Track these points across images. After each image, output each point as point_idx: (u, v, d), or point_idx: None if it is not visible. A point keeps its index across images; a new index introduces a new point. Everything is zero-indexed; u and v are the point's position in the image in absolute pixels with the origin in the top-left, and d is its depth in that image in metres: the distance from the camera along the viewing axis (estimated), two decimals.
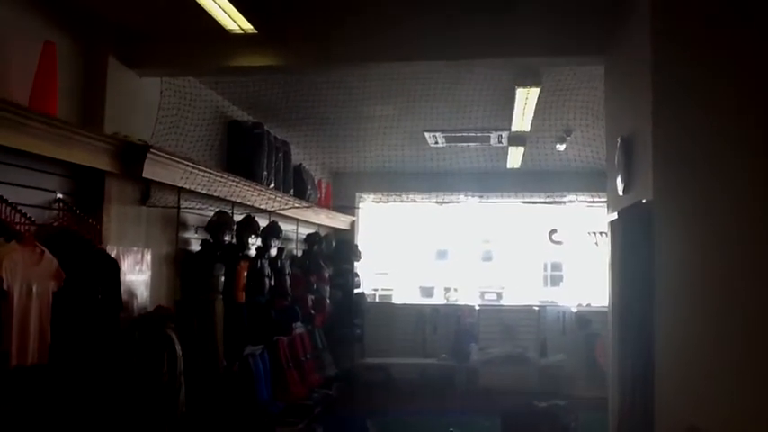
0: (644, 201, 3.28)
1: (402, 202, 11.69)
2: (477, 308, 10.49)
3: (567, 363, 9.13)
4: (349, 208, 10.01)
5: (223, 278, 5.68)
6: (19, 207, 3.51)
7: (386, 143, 8.12)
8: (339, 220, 9.86)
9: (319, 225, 9.11)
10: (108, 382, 3.91)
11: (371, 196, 11.41)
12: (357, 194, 11.03)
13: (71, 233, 3.89)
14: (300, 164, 8.21)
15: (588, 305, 10.14)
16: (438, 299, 23.63)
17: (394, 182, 10.77)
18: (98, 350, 3.85)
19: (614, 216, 3.89)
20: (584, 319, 9.51)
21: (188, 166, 4.90)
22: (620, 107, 4.09)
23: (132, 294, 4.60)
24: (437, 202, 11.97)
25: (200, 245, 5.58)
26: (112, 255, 4.21)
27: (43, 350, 3.46)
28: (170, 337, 4.37)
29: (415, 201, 11.70)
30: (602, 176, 9.11)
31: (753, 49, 3.06)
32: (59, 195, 4.02)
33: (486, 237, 25.26)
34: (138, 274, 4.70)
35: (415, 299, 19.27)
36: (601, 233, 10.20)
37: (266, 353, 6.95)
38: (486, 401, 8.27)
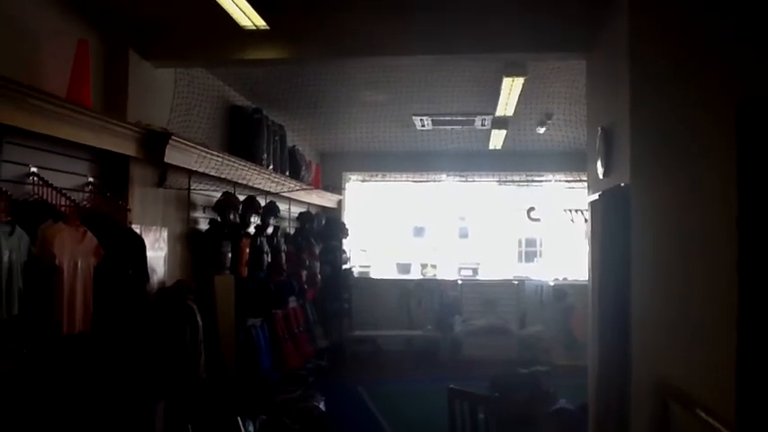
0: (622, 184, 3.73)
1: (386, 181, 12.11)
2: (459, 282, 10.98)
3: (544, 333, 9.71)
4: (339, 189, 10.41)
5: (230, 254, 6.08)
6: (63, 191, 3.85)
7: (375, 126, 8.53)
8: (328, 199, 10.25)
9: (309, 204, 9.49)
10: (139, 349, 4.30)
11: (357, 176, 11.82)
12: (343, 174, 11.44)
13: (102, 214, 4.25)
14: (294, 146, 8.57)
15: (565, 279, 10.70)
16: (415, 275, 24.08)
17: (379, 162, 11.22)
18: (130, 320, 4.23)
19: (595, 197, 4.35)
20: (560, 292, 10.07)
21: (202, 151, 5.26)
22: (600, 100, 4.53)
23: (152, 270, 4.96)
24: (419, 181, 12.39)
25: (209, 223, 5.96)
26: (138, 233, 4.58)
27: (87, 320, 3.83)
28: (191, 309, 4.76)
29: (398, 180, 12.13)
30: (578, 157, 9.66)
31: (721, 47, 3.53)
32: (90, 179, 4.36)
33: (463, 214, 25.70)
34: (157, 251, 5.06)
35: (392, 275, 19.69)
36: (576, 210, 10.75)
37: (265, 325, 7.36)
38: (470, 370, 8.79)
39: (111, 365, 4.07)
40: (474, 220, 26.40)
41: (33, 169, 3.79)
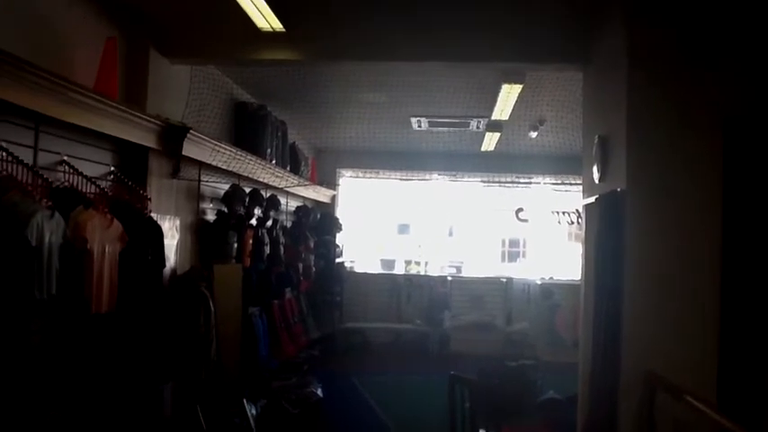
0: (618, 189, 4.02)
1: (379, 178, 12.38)
2: (449, 279, 11.29)
3: (530, 330, 10.04)
4: (336, 185, 10.67)
5: (236, 245, 6.32)
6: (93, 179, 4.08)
7: (373, 125, 8.79)
8: (323, 194, 10.50)
9: (305, 198, 9.73)
10: (156, 331, 4.53)
11: (350, 172, 12.08)
12: (337, 170, 11.69)
13: (124, 202, 4.47)
14: (294, 141, 8.80)
15: (551, 278, 11.03)
16: (398, 272, 24.31)
17: (373, 159, 11.52)
18: (149, 303, 4.46)
19: (591, 200, 4.63)
20: (547, 290, 10.40)
21: (215, 145, 5.50)
22: (597, 109, 4.82)
23: (167, 257, 5.19)
24: (411, 180, 12.66)
25: (216, 214, 6.19)
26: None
27: (113, 300, 4.06)
28: (205, 294, 5.00)
29: (391, 178, 12.41)
30: (567, 161, 10.02)
31: (711, 66, 3.85)
32: (112, 168, 4.58)
33: (449, 213, 25.99)
34: (170, 239, 5.28)
35: (377, 271, 20.00)
36: (563, 213, 11.09)
37: (263, 314, 7.59)
38: (458, 363, 9.08)
39: (132, 344, 4.29)
40: (459, 219, 26.65)
41: (64, 158, 4.01)
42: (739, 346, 3.57)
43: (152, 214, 4.82)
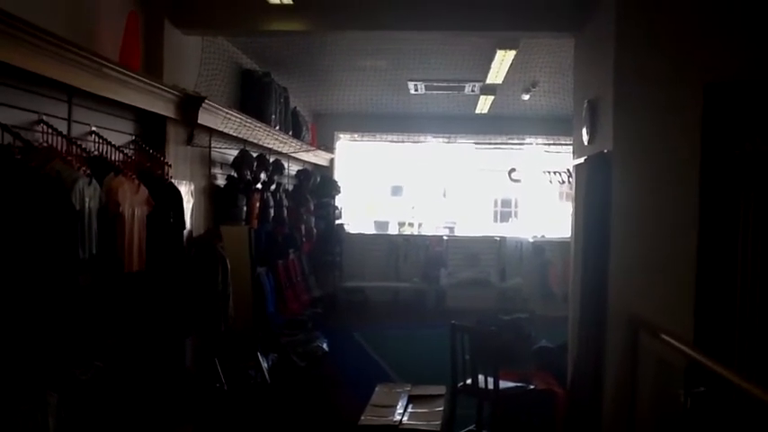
0: (605, 150, 4.37)
1: (375, 141, 12.68)
2: (445, 238, 11.68)
3: (523, 286, 10.48)
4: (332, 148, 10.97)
5: (245, 208, 6.66)
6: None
7: (371, 90, 9.07)
8: (322, 158, 10.80)
9: (305, 162, 10.03)
10: (181, 288, 4.89)
11: (347, 136, 12.37)
12: (335, 133, 11.98)
13: (146, 168, 4.78)
14: (296, 107, 9.07)
15: (543, 236, 11.44)
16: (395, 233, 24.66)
17: (369, 123, 11.81)
18: (173, 262, 4.81)
19: (580, 161, 4.99)
20: (539, 248, 10.82)
21: (227, 112, 5.79)
22: (587, 75, 5.14)
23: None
24: (406, 142, 12.98)
25: (226, 179, 6.51)
26: None
27: (142, 260, 4.40)
28: (222, 254, 5.35)
29: (387, 141, 12.72)
30: (558, 123, 10.34)
31: (695, 34, 4.18)
32: (134, 137, 4.89)
33: (442, 175, 26.29)
34: (186, 203, 5.60)
35: (374, 232, 20.37)
36: (555, 172, 11.46)
37: (270, 273, 7.97)
38: (454, 318, 9.50)
39: (159, 301, 4.65)
40: (452, 181, 26.95)
41: (93, 128, 4.31)
42: (714, 291, 3.98)
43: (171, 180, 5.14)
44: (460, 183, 26.63)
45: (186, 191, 5.58)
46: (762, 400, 2.62)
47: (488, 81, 8.22)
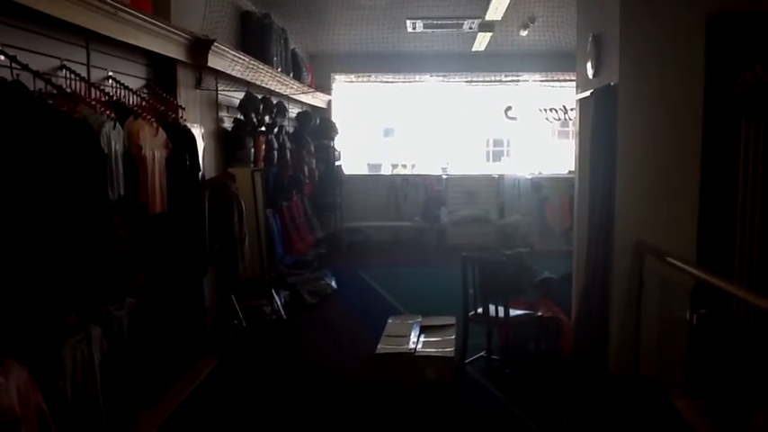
0: (611, 83, 4.48)
1: (372, 82, 12.67)
2: (444, 177, 11.83)
3: (522, 222, 10.69)
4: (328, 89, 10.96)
5: (252, 150, 6.76)
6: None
7: (368, 29, 9.05)
8: (319, 99, 10.83)
9: (303, 103, 10.07)
10: (202, 228, 5.04)
11: (343, 77, 12.35)
12: (331, 74, 11.96)
13: (161, 112, 4.86)
14: (294, 48, 9.06)
15: (540, 173, 11.61)
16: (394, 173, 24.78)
17: (366, 63, 11.78)
18: (192, 204, 4.95)
19: (585, 95, 5.10)
20: (537, 185, 10.99)
21: (234, 55, 5.84)
22: (592, 8, 5.19)
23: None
24: (404, 82, 12.98)
25: (233, 122, 6.59)
26: None
27: (164, 202, 4.53)
28: (237, 195, 5.49)
29: (384, 81, 12.71)
30: (557, 58, 10.36)
31: None
32: (147, 81, 4.95)
33: (435, 116, 26.29)
34: (199, 147, 5.71)
35: (374, 173, 20.51)
36: (551, 109, 11.56)
37: (277, 215, 8.13)
38: (455, 256, 9.74)
39: (179, 241, 4.81)
40: (445, 121, 26.94)
41: (110, 73, 4.38)
42: (715, 217, 4.17)
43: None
44: (453, 123, 26.65)
45: (197, 134, 5.67)
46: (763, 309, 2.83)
47: (487, 17, 8.23)
